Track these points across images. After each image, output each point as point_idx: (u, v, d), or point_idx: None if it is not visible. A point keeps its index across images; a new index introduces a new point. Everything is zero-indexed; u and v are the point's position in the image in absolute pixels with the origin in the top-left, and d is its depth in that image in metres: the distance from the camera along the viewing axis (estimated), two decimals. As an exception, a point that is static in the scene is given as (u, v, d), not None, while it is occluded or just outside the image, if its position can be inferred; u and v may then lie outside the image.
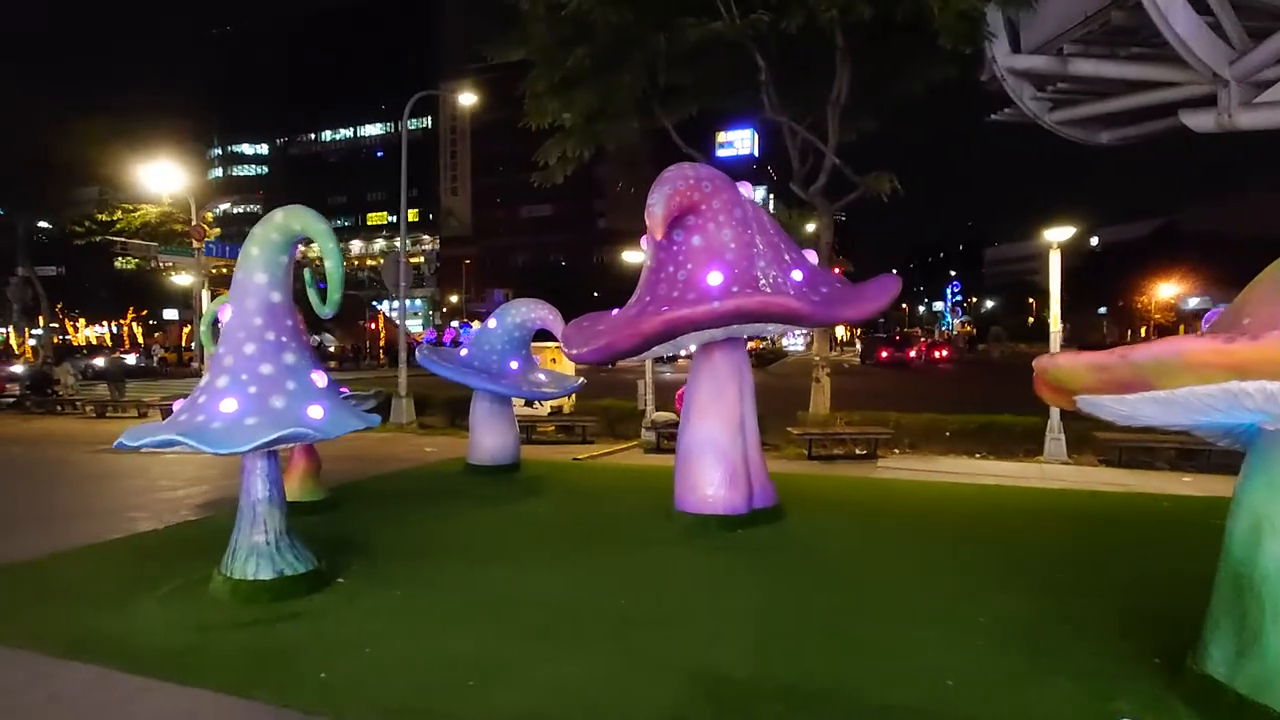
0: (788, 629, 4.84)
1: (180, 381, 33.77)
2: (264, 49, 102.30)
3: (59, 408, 20.71)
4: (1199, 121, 10.68)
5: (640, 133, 14.01)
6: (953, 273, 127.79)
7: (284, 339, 5.48)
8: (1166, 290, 58.24)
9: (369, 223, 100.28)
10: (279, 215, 5.43)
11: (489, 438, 10.52)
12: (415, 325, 76.39)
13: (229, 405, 5.08)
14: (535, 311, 10.49)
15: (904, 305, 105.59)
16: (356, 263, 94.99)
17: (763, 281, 6.88)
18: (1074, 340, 74.89)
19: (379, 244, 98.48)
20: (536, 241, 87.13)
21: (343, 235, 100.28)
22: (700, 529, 7.22)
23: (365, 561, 6.26)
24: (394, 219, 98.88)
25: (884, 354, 45.24)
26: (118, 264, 50.70)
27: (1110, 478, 10.16)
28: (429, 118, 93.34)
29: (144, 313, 59.44)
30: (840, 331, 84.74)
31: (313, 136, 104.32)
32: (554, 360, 15.49)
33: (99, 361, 33.62)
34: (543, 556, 6.53)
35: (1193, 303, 59.16)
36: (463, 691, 4.00)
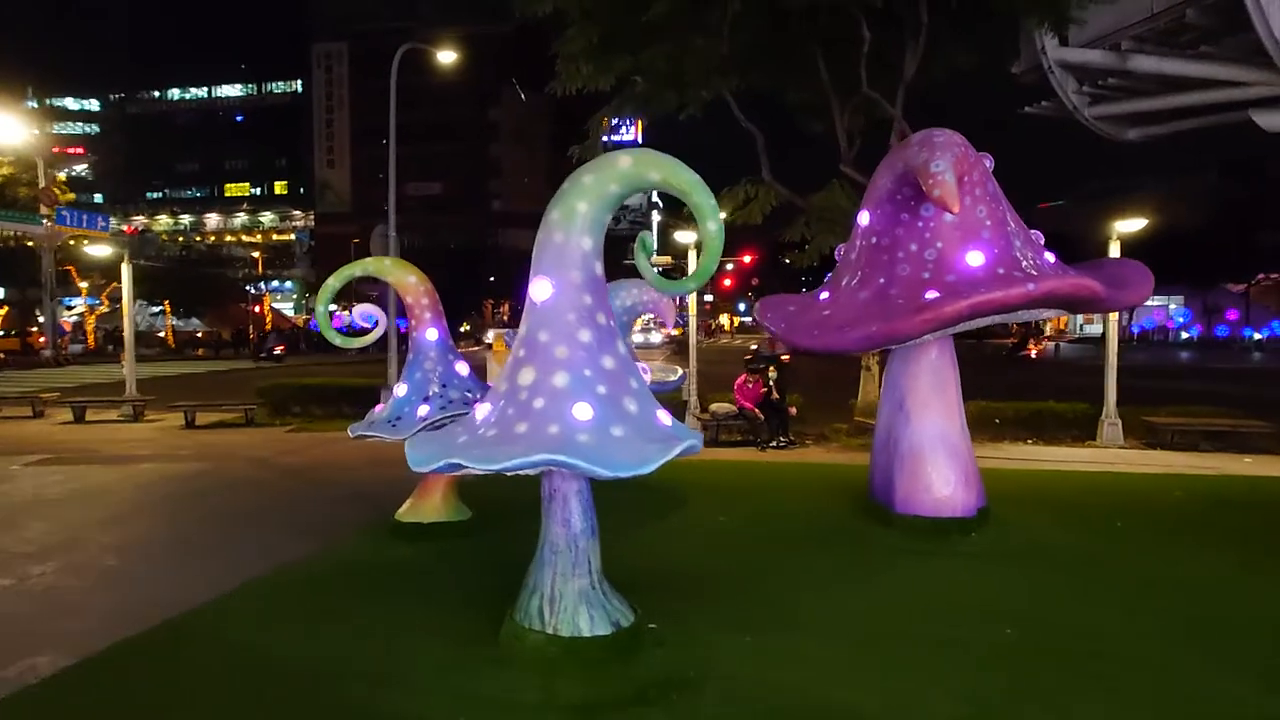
0: (1246, 657, 4.33)
1: (43, 373, 28.73)
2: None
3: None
4: (1272, 121, 11.35)
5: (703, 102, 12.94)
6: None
7: (612, 323, 4.24)
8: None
9: (227, 194, 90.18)
10: (624, 161, 4.11)
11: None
12: (287, 308, 70.11)
13: (583, 411, 3.81)
14: (647, 294, 9.32)
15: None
16: (214, 238, 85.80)
17: (1025, 263, 6.31)
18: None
19: (240, 218, 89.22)
20: (426, 221, 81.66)
21: (195, 208, 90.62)
22: (939, 533, 6.60)
23: (635, 599, 5.07)
24: (257, 190, 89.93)
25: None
26: None
27: (1178, 460, 10.49)
28: (299, 81, 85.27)
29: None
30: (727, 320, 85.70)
31: (157, 94, 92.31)
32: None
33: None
34: (818, 577, 5.65)
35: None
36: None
